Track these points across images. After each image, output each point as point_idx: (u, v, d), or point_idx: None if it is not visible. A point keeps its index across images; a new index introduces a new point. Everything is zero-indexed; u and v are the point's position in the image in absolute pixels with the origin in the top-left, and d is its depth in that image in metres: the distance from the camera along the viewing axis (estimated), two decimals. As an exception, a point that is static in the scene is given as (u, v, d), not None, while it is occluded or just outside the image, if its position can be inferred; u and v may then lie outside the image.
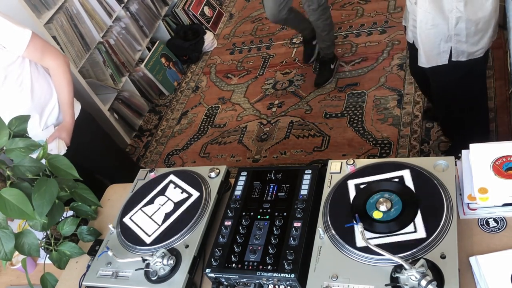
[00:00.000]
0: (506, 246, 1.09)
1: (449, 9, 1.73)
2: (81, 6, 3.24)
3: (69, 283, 1.47)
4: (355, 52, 3.41)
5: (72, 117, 1.97)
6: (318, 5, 2.82)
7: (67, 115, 1.96)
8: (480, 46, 1.83)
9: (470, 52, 1.84)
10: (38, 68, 1.93)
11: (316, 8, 2.84)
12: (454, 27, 1.77)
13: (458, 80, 1.97)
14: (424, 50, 1.90)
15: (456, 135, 2.43)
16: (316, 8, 2.84)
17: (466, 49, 1.82)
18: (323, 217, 1.23)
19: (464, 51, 1.83)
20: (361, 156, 2.67)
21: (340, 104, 3.05)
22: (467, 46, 1.82)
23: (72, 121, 1.97)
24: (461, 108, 2.13)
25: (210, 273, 1.21)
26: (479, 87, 2.08)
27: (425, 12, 1.78)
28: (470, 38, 1.79)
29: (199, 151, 3.19)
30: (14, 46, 1.77)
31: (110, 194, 1.76)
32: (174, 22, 4.24)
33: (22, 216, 1.23)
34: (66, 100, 1.95)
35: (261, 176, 1.40)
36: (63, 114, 1.97)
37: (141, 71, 3.71)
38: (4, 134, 1.32)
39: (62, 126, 1.95)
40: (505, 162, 1.17)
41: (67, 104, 1.95)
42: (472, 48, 1.82)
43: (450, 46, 1.83)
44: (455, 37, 1.79)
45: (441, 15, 1.75)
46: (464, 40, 1.80)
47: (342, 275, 1.09)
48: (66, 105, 1.95)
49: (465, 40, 1.80)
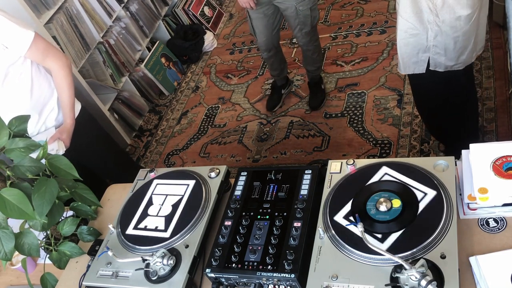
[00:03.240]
0: (506, 246, 1.09)
1: (428, 21, 1.72)
2: (81, 6, 3.24)
3: (69, 283, 1.47)
4: (355, 52, 3.41)
5: (72, 119, 1.97)
6: (311, 26, 2.71)
7: (68, 117, 1.97)
8: (459, 61, 1.81)
9: (448, 65, 1.82)
10: (39, 68, 1.93)
11: (309, 31, 2.73)
12: (433, 39, 1.76)
13: (436, 88, 1.96)
14: (401, 57, 1.90)
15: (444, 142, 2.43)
16: (309, 30, 2.73)
17: (444, 62, 1.81)
18: (323, 217, 1.23)
19: (441, 63, 1.82)
20: (361, 156, 2.67)
21: (340, 104, 3.05)
22: (445, 60, 1.80)
23: (72, 123, 1.97)
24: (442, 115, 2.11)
25: (210, 273, 1.21)
26: (462, 99, 2.04)
27: (405, 20, 1.76)
28: (449, 53, 1.78)
29: (199, 151, 3.19)
30: (16, 46, 1.78)
31: (110, 194, 1.76)
32: (174, 22, 4.24)
33: (22, 216, 1.23)
34: (67, 102, 1.95)
35: (261, 176, 1.40)
36: (64, 116, 1.97)
37: (141, 71, 3.71)
38: (4, 134, 1.32)
39: (62, 128, 1.96)
40: (505, 162, 1.17)
41: (68, 106, 1.96)
42: (450, 62, 1.81)
43: (428, 56, 1.82)
44: (434, 48, 1.78)
45: (421, 26, 1.74)
46: (442, 53, 1.78)
47: (342, 275, 1.09)
48: (67, 107, 1.96)
49: (443, 53, 1.78)
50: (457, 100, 2.03)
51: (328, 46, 3.55)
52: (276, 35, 2.84)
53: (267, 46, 2.86)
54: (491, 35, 2.98)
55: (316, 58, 2.95)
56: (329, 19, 3.83)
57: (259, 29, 2.77)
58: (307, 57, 2.95)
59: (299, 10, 2.59)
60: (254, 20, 2.73)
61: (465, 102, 2.08)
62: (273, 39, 2.84)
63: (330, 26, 3.74)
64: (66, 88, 1.93)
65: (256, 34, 2.81)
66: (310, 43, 2.83)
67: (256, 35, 2.83)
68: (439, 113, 2.11)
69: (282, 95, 3.24)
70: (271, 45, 2.86)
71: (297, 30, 2.73)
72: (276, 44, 2.91)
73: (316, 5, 2.66)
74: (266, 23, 2.72)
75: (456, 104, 2.04)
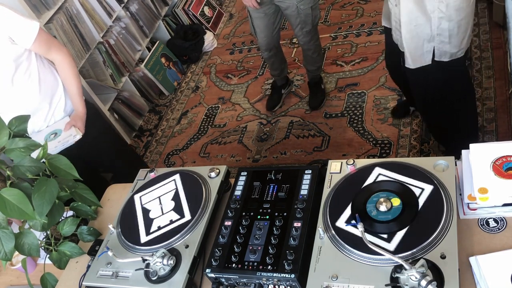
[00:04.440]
0: (506, 246, 1.09)
1: (431, 10, 1.74)
2: (81, 6, 3.24)
3: (69, 283, 1.47)
4: (355, 52, 3.41)
5: (83, 106, 2.02)
6: (312, 25, 2.70)
7: (79, 105, 2.01)
8: (462, 46, 1.85)
9: (452, 52, 1.85)
10: (43, 60, 1.97)
11: (310, 30, 2.72)
12: (437, 28, 1.78)
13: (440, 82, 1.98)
14: (409, 51, 1.91)
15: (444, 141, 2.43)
16: (310, 29, 2.72)
17: (448, 49, 1.84)
18: (323, 217, 1.23)
19: (446, 51, 1.85)
20: (361, 156, 2.67)
21: (340, 104, 3.05)
22: (450, 47, 1.83)
23: (84, 110, 2.02)
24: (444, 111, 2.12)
25: (210, 273, 1.21)
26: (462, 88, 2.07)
27: (408, 13, 1.78)
28: (453, 39, 1.81)
29: (199, 151, 3.19)
30: (23, 38, 1.81)
31: (110, 194, 1.76)
32: (174, 22, 4.24)
33: (22, 216, 1.23)
34: (76, 91, 2.00)
35: (261, 176, 1.40)
36: (74, 104, 2.02)
37: (141, 71, 3.71)
38: (4, 134, 1.32)
39: (75, 115, 2.00)
40: (505, 162, 1.17)
41: (76, 94, 2.00)
42: (454, 49, 1.84)
43: (433, 46, 1.84)
44: (438, 37, 1.81)
45: (424, 16, 1.76)
46: (447, 41, 1.81)
47: (342, 275, 1.09)
48: (76, 95, 2.00)
49: (448, 41, 1.81)
50: (456, 95, 2.04)
51: (328, 46, 3.55)
52: (277, 34, 2.84)
53: (268, 45, 2.86)
54: (491, 35, 2.99)
55: (316, 57, 2.95)
56: (329, 19, 3.82)
57: (260, 29, 2.77)
58: (307, 57, 2.95)
59: (300, 9, 2.60)
60: (255, 20, 2.73)
61: (464, 96, 2.10)
62: (273, 38, 2.84)
63: (330, 26, 3.74)
64: (73, 77, 1.98)
65: (256, 33, 2.82)
66: (311, 43, 2.83)
67: (256, 35, 2.83)
68: (438, 110, 2.12)
69: (282, 95, 3.25)
70: (271, 44, 2.86)
71: (298, 29, 2.73)
72: (277, 44, 2.91)
73: (317, 4, 2.66)
74: (267, 23, 2.73)
75: (455, 99, 2.06)
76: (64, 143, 1.88)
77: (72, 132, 1.92)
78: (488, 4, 3.16)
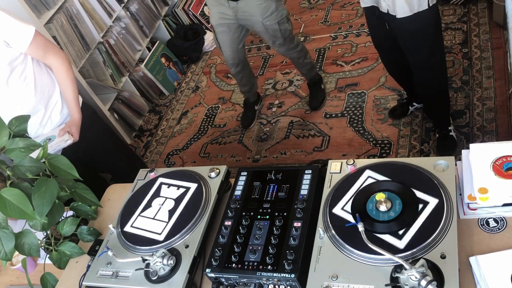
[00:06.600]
0: (506, 246, 1.09)
1: None
2: (81, 6, 3.24)
3: (69, 283, 1.47)
4: (355, 52, 3.41)
5: (79, 112, 2.00)
6: (284, 38, 2.66)
7: (75, 111, 1.99)
8: None
9: None
10: (39, 63, 1.95)
11: (283, 42, 2.69)
12: None
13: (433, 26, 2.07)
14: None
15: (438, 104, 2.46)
16: (283, 42, 2.68)
17: None
18: (323, 217, 1.23)
19: None
20: (361, 156, 2.67)
21: (340, 104, 3.05)
22: None
23: (79, 116, 2.00)
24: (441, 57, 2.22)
25: (210, 273, 1.21)
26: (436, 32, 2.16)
27: None
28: None
29: (199, 151, 3.19)
30: (18, 42, 1.79)
31: (110, 194, 1.76)
32: (174, 22, 4.24)
33: (22, 216, 1.23)
34: (72, 97, 1.98)
35: (261, 176, 1.40)
36: (71, 111, 2.00)
37: (141, 71, 3.71)
38: (4, 134, 1.32)
39: (71, 122, 1.98)
40: (505, 162, 1.17)
41: (72, 100, 1.98)
42: None
43: None
44: None
45: None
46: None
47: (342, 275, 1.09)
48: (72, 101, 1.98)
49: None
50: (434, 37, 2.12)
51: (328, 46, 3.55)
52: (242, 49, 2.81)
53: (234, 60, 2.82)
54: (491, 35, 2.99)
55: (303, 62, 2.91)
56: (329, 19, 3.82)
57: (224, 44, 2.74)
58: (294, 63, 2.95)
59: (267, 25, 2.56)
60: (219, 34, 2.71)
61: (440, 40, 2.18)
62: (239, 53, 2.80)
63: (330, 26, 3.74)
64: (69, 83, 1.96)
65: (222, 48, 2.79)
66: (290, 52, 2.80)
67: (222, 50, 2.81)
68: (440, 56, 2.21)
69: (255, 112, 3.21)
70: (237, 59, 2.82)
71: (271, 43, 2.72)
72: (243, 59, 2.87)
73: (284, 19, 2.60)
74: (231, 37, 2.70)
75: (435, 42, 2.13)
76: (55, 147, 1.86)
77: (65, 137, 1.90)
78: (488, 4, 3.17)
